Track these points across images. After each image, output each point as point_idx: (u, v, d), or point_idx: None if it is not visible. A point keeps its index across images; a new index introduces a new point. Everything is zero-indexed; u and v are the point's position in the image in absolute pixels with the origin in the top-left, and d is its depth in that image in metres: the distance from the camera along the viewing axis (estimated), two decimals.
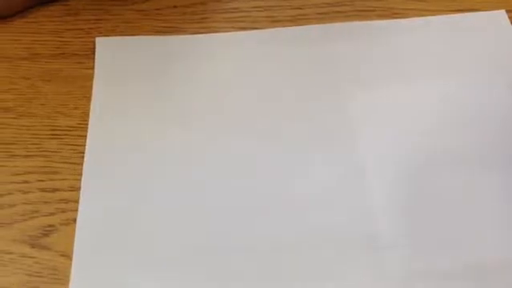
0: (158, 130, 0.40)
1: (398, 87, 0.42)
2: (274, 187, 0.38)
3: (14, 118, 0.41)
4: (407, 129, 0.40)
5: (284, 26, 0.46)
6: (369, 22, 0.45)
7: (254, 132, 0.40)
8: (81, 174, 0.38)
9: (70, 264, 0.35)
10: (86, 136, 0.40)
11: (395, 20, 0.45)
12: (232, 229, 0.36)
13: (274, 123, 0.41)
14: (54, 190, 0.38)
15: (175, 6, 0.47)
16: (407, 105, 0.41)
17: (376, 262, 0.35)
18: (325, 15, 0.46)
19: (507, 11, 0.46)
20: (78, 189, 0.38)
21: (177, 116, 0.41)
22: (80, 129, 0.41)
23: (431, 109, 0.41)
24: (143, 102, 0.42)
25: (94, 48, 0.44)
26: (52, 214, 0.37)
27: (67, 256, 0.36)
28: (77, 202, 0.37)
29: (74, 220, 0.37)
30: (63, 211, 0.37)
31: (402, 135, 0.40)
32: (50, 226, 0.37)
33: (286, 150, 0.39)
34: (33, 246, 0.36)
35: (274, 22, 0.46)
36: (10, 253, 0.36)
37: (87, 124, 0.41)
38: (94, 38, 0.45)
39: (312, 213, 0.37)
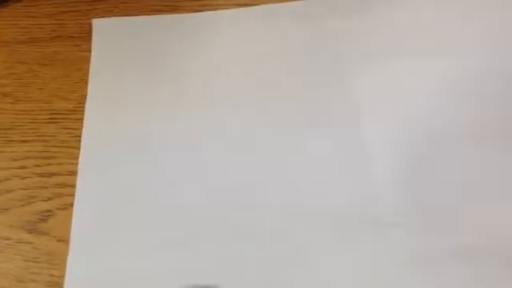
0: (157, 112, 0.40)
1: (406, 62, 0.40)
2: (273, 166, 0.37)
3: (12, 102, 0.41)
4: (414, 106, 0.38)
5: (285, 2, 0.44)
6: None
7: (254, 112, 0.39)
8: (78, 158, 0.38)
9: (67, 249, 0.35)
10: (83, 119, 0.39)
11: None
12: (230, 213, 0.36)
13: (274, 103, 0.39)
14: (51, 175, 0.38)
15: None
16: (415, 81, 0.39)
17: (378, 241, 0.34)
18: None
19: None
20: (75, 173, 0.37)
21: (176, 98, 0.40)
22: (77, 112, 0.40)
23: (442, 86, 0.39)
24: (141, 84, 0.41)
25: (91, 30, 0.43)
26: (49, 198, 0.37)
27: (64, 241, 0.35)
28: (74, 186, 0.37)
29: (71, 204, 0.36)
30: (60, 196, 0.37)
31: (408, 112, 0.38)
32: (47, 211, 0.36)
33: (285, 129, 0.38)
34: (30, 231, 0.36)
35: None
36: (8, 238, 0.36)
37: (84, 107, 0.40)
38: (91, 19, 0.44)
39: (313, 192, 0.36)
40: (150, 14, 0.44)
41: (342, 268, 0.34)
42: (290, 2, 0.44)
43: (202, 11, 0.44)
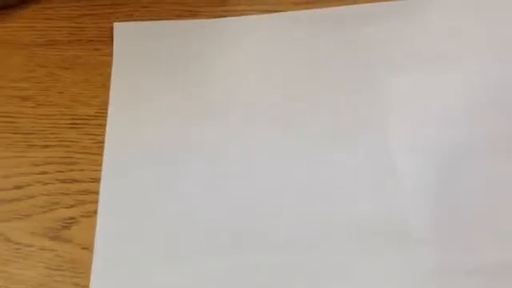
0: (179, 117, 0.39)
1: (435, 70, 0.40)
2: (299, 174, 0.37)
3: (33, 107, 0.40)
4: (442, 116, 0.38)
5: (308, 8, 0.44)
6: (398, 2, 0.43)
7: (277, 120, 0.39)
8: (100, 165, 0.37)
9: (91, 257, 0.34)
10: (105, 125, 0.39)
11: None
12: (255, 223, 0.35)
13: (298, 110, 0.39)
14: (74, 181, 0.37)
15: None
16: (443, 89, 0.39)
17: (403, 257, 0.34)
18: None
19: None
20: (98, 180, 0.37)
21: (198, 102, 0.40)
22: (99, 118, 0.40)
23: (470, 94, 0.39)
24: (163, 89, 0.40)
25: (112, 34, 0.43)
26: (72, 205, 0.36)
27: (88, 249, 0.35)
28: (97, 193, 0.36)
29: (95, 212, 0.36)
30: (83, 203, 0.36)
31: (437, 123, 0.38)
32: (70, 218, 0.36)
33: (311, 138, 0.38)
34: (53, 238, 0.35)
35: (297, 4, 0.44)
36: (30, 245, 0.35)
37: (106, 113, 0.40)
38: (112, 23, 0.43)
39: (337, 204, 0.36)
40: (170, 19, 0.44)
41: (365, 281, 0.33)
42: (316, 9, 0.43)
43: (222, 17, 0.44)
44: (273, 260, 0.34)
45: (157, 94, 0.40)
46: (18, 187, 0.37)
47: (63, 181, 0.37)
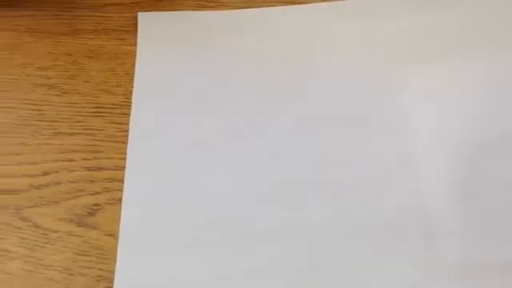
0: (203, 106, 0.40)
1: (458, 63, 0.40)
2: (319, 171, 0.37)
3: (58, 95, 0.41)
4: (470, 109, 0.38)
5: (330, 0, 0.44)
6: None
7: (299, 112, 0.39)
8: (125, 153, 0.38)
9: (116, 243, 0.35)
10: (129, 114, 0.40)
11: None
12: (276, 214, 0.36)
13: (320, 102, 0.39)
14: (99, 169, 0.38)
15: None
16: (467, 82, 0.39)
17: (427, 251, 0.34)
18: None
19: None
20: (123, 168, 0.38)
21: (222, 92, 0.40)
22: (123, 107, 0.40)
23: (498, 87, 0.39)
24: (186, 79, 0.41)
25: (136, 23, 0.43)
26: (97, 193, 0.37)
27: (113, 235, 0.35)
28: (122, 181, 0.37)
29: (120, 200, 0.37)
30: (108, 191, 0.37)
31: (461, 116, 0.38)
32: (95, 204, 0.37)
33: (332, 131, 0.38)
34: (79, 224, 0.36)
35: None
36: (57, 231, 0.36)
37: (130, 102, 0.40)
38: (136, 12, 0.44)
39: (359, 198, 0.36)
40: (194, 10, 0.44)
41: (391, 274, 0.34)
42: (339, 2, 0.43)
43: (247, 8, 0.44)
44: (290, 254, 0.34)
45: (180, 83, 0.41)
46: (46, 173, 0.38)
47: (89, 168, 0.38)
